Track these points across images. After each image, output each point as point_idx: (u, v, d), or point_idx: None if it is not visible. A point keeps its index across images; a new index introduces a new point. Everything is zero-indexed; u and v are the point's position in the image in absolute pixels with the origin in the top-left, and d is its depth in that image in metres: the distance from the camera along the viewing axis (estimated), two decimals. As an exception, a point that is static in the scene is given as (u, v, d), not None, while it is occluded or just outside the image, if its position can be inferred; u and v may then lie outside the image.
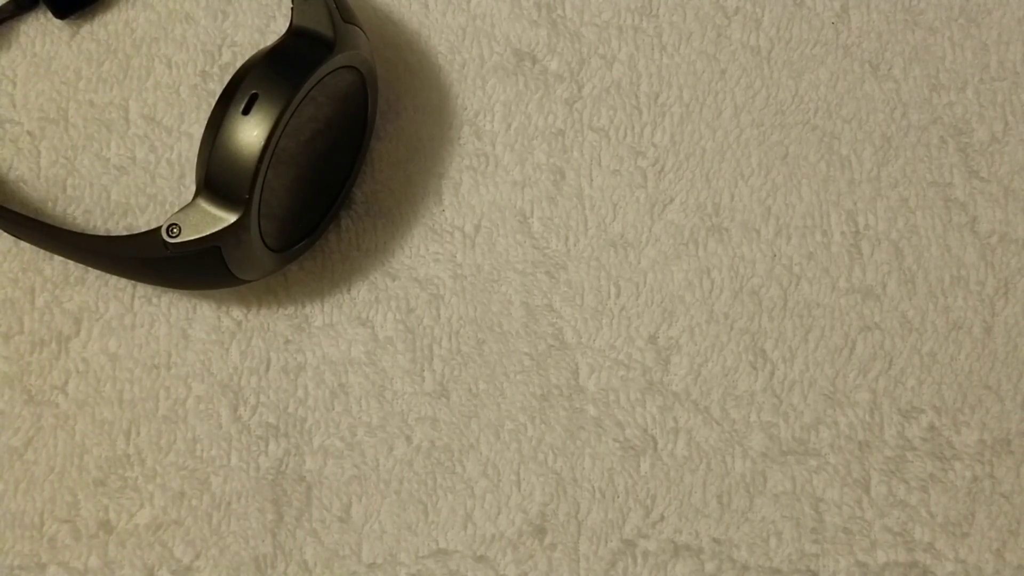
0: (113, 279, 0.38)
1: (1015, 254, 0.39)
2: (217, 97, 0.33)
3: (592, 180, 0.39)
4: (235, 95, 0.32)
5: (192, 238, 0.33)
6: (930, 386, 0.38)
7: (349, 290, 0.38)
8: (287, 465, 0.37)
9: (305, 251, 0.38)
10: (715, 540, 0.37)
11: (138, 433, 0.37)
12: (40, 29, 0.40)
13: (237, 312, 0.38)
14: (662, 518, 0.37)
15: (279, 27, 0.40)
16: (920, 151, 0.40)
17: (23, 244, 0.38)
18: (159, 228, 0.33)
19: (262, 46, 0.37)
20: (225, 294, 0.38)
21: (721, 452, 0.37)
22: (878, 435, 0.37)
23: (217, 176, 0.32)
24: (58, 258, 0.38)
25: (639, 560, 0.36)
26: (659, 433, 0.37)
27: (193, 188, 0.33)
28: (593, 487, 0.37)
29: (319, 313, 0.38)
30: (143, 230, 0.38)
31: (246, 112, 0.32)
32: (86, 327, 0.38)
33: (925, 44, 0.40)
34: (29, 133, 0.39)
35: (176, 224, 0.33)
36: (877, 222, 0.39)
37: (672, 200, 0.39)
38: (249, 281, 0.36)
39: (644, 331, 0.38)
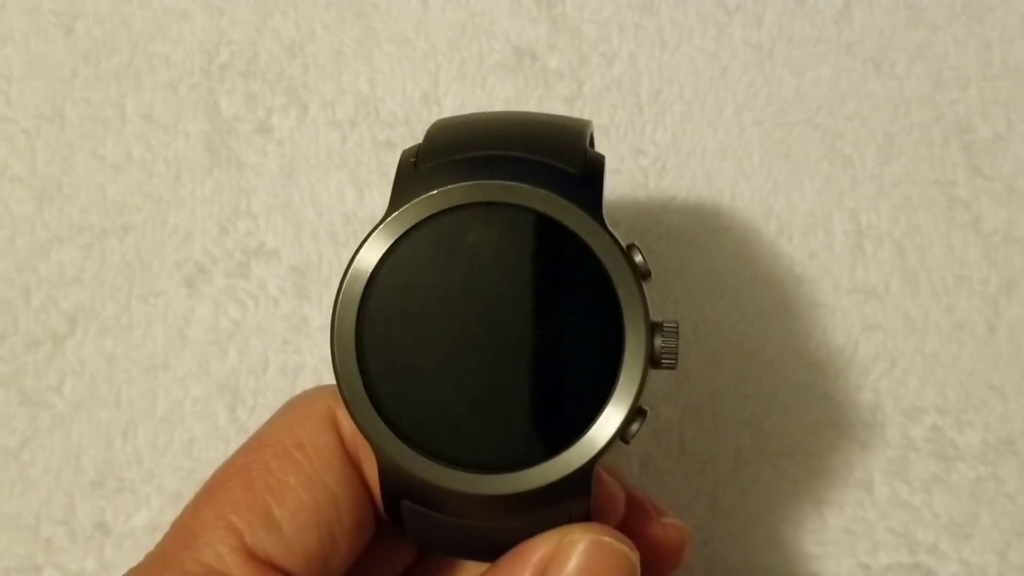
0: (110, 278, 0.38)
1: (1019, 253, 0.39)
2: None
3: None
4: None
5: None
6: (933, 386, 0.38)
7: (348, 290, 0.38)
8: (285, 466, 0.36)
9: None
10: (716, 540, 0.36)
11: (135, 434, 0.37)
12: (35, 26, 0.40)
13: (235, 313, 0.38)
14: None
15: (276, 24, 0.40)
16: (923, 149, 0.39)
17: (18, 242, 0.38)
18: None
19: (258, 45, 0.37)
20: (222, 297, 0.38)
21: (721, 452, 0.37)
22: (881, 435, 0.37)
23: None
24: (54, 257, 0.38)
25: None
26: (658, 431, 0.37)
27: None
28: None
29: (317, 314, 0.38)
30: None
31: None
32: (82, 327, 0.37)
33: (928, 41, 0.40)
34: (25, 131, 0.39)
35: None
36: (880, 221, 0.39)
37: (673, 199, 0.39)
38: None
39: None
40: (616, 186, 0.39)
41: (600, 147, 0.39)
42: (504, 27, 0.40)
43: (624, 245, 0.25)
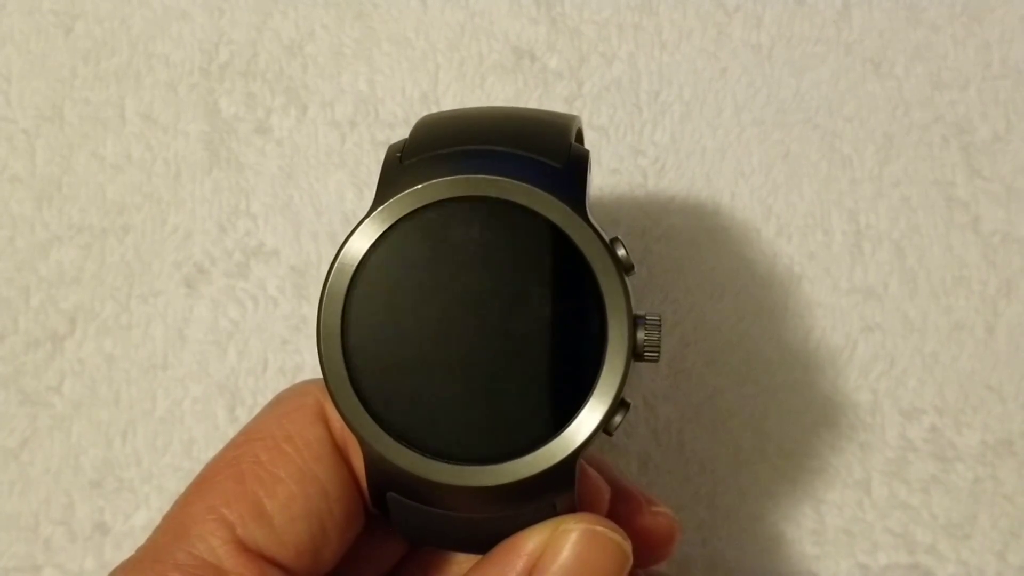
0: (109, 278, 0.38)
1: (1017, 253, 0.39)
2: None
3: (592, 179, 0.39)
4: None
5: None
6: (932, 387, 0.38)
7: (347, 290, 0.38)
8: (284, 466, 0.36)
9: None
10: (716, 540, 0.36)
11: (134, 434, 0.37)
12: (35, 26, 0.40)
13: (234, 313, 0.38)
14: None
15: (276, 24, 0.40)
16: (922, 150, 0.39)
17: (17, 242, 0.38)
18: None
19: (258, 45, 0.37)
20: (222, 297, 0.38)
21: (720, 452, 0.37)
22: (879, 436, 0.37)
23: None
24: (54, 256, 0.38)
25: (639, 562, 0.36)
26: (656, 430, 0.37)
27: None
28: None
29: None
30: None
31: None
32: (81, 327, 0.37)
33: (927, 42, 0.40)
34: (24, 131, 0.39)
35: None
36: (879, 221, 0.39)
37: (672, 199, 0.39)
38: None
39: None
40: (616, 186, 0.39)
41: (600, 147, 0.39)
42: (503, 27, 0.40)
43: (607, 239, 0.25)
